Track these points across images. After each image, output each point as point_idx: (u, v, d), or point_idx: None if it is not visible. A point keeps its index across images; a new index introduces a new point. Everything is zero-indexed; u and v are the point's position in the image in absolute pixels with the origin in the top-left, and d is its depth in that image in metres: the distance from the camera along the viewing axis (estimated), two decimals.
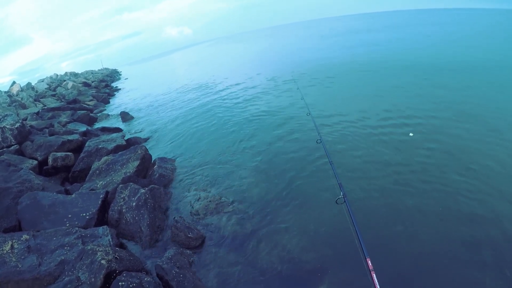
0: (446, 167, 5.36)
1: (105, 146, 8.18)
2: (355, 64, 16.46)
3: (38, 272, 3.62)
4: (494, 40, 21.19)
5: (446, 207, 4.39)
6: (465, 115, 7.34)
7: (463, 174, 5.09)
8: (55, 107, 16.21)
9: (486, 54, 15.09)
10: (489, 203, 4.34)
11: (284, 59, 24.77)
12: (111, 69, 68.76)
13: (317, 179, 5.62)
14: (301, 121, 8.71)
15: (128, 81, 37.66)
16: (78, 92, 23.45)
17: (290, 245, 4.14)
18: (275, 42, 52.46)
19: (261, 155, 7.05)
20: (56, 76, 42.74)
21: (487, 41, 20.74)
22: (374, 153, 6.20)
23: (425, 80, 11.19)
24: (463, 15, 59.52)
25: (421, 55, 16.56)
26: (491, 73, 11.22)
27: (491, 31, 27.71)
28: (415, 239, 3.92)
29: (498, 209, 4.21)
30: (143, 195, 5.22)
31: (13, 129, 8.74)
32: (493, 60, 13.41)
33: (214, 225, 4.83)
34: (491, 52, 15.64)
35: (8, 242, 3.97)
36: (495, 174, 4.99)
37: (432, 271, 3.44)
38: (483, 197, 4.48)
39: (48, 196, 5.31)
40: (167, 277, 3.58)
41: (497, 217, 4.07)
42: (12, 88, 27.59)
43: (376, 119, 7.92)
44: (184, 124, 11.15)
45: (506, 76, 10.67)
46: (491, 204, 4.32)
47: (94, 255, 3.56)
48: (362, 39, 30.52)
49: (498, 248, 3.62)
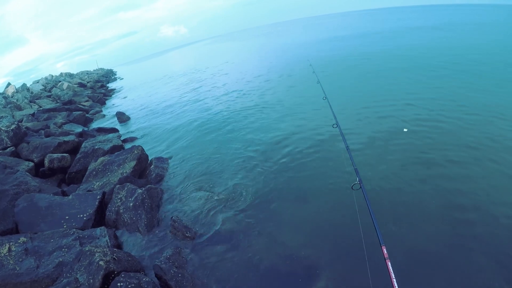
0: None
1: (101, 147, 8.16)
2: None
3: (36, 274, 3.62)
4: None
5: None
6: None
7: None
8: (50, 108, 16.10)
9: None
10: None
11: (287, 54, 24.77)
12: (106, 69, 68.32)
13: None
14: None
15: (123, 81, 37.46)
16: (74, 92, 23.30)
17: (299, 238, 4.16)
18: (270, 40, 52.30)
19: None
20: (52, 77, 42.40)
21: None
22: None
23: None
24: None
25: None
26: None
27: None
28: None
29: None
30: (140, 195, 5.22)
31: (8, 131, 8.68)
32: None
33: (211, 223, 4.83)
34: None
35: (6, 245, 3.97)
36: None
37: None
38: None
39: (45, 198, 5.30)
40: (166, 277, 3.60)
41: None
42: (7, 90, 27.36)
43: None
44: (180, 123, 11.13)
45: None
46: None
47: (92, 256, 3.56)
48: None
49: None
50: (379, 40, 24.57)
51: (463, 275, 3.28)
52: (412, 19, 46.85)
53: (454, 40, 19.77)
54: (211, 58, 40.31)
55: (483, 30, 24.44)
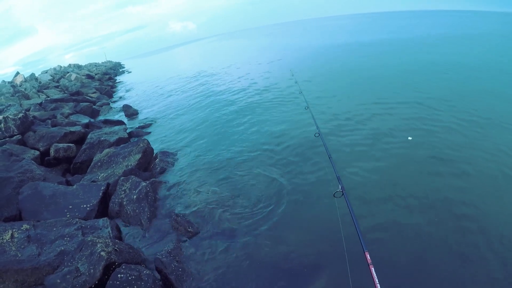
0: (455, 163, 5.41)
1: (107, 139, 8.17)
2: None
3: (38, 262, 3.62)
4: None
5: (448, 201, 4.41)
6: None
7: (466, 172, 5.10)
8: (58, 99, 16.18)
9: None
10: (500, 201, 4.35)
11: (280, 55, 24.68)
12: (114, 62, 68.68)
13: (315, 173, 5.65)
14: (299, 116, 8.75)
15: (131, 75, 37.56)
16: (81, 84, 23.42)
17: (288, 240, 4.14)
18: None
19: (260, 149, 7.07)
20: (60, 67, 42.76)
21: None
22: (373, 147, 6.25)
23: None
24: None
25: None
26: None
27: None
28: (414, 233, 3.93)
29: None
30: (144, 188, 5.21)
31: (16, 119, 8.74)
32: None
33: (213, 219, 4.81)
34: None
35: (8, 231, 3.98)
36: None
37: (430, 265, 3.44)
38: (490, 194, 4.49)
39: (49, 187, 5.31)
40: (166, 271, 3.58)
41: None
42: (16, 79, 27.64)
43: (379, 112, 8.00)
44: (187, 118, 11.14)
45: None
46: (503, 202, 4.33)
47: (93, 247, 3.55)
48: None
49: (502, 243, 3.63)
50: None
51: (448, 280, 3.26)
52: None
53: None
54: (218, 56, 40.30)
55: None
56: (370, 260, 2.19)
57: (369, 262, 2.17)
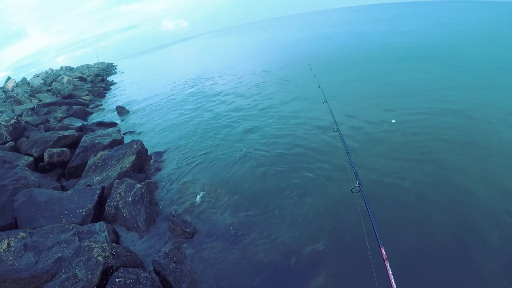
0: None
1: (101, 141, 8.13)
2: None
3: (35, 270, 3.62)
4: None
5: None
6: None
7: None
8: (50, 103, 16.03)
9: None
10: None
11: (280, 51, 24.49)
12: (107, 63, 67.98)
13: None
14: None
15: (124, 75, 37.29)
16: (74, 86, 23.17)
17: (289, 239, 4.14)
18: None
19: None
20: (52, 71, 42.19)
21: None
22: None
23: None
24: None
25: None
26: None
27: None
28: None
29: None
30: (139, 190, 5.20)
31: (8, 126, 8.65)
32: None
33: (211, 218, 4.82)
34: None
35: (5, 240, 3.97)
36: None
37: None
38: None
39: (44, 193, 5.29)
40: (164, 272, 3.59)
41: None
42: (7, 84, 27.25)
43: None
44: (181, 117, 11.09)
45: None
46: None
47: (90, 252, 3.56)
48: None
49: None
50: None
51: (462, 275, 3.26)
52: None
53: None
54: (212, 53, 39.97)
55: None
56: (386, 255, 2.19)
57: (384, 258, 2.17)
